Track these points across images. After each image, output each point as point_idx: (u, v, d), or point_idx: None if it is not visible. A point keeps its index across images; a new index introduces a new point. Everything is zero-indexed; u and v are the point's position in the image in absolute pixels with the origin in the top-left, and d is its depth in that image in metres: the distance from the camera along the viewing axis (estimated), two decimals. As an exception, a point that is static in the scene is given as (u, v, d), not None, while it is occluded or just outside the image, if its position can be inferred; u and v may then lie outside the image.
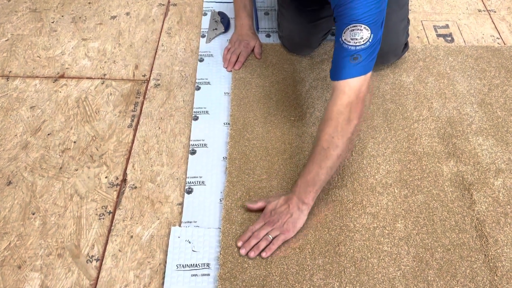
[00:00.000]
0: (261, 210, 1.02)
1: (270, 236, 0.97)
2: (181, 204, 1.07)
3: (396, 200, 1.06)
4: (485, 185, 1.10)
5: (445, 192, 1.09)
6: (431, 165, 1.14)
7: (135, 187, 1.10)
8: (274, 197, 1.03)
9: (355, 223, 1.02)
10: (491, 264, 0.96)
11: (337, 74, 0.95)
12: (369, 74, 0.95)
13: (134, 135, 1.22)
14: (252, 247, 0.96)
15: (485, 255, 0.98)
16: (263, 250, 0.96)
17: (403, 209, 1.05)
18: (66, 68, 1.40)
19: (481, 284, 0.93)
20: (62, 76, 1.37)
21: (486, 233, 1.01)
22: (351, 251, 0.97)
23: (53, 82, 1.35)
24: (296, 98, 1.29)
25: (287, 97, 1.29)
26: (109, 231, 1.03)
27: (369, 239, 0.99)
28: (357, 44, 0.92)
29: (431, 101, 1.30)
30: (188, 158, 1.16)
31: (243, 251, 0.96)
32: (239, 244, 0.97)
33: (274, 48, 1.44)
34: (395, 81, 1.35)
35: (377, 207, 1.05)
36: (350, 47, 0.93)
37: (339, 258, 0.96)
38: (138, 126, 1.24)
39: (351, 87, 0.93)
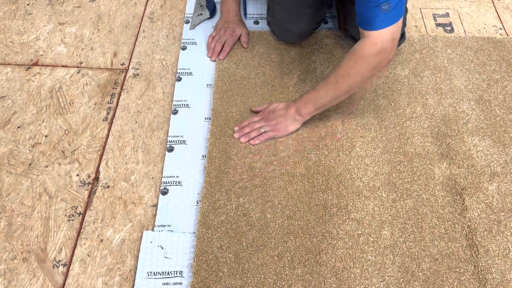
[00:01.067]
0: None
1: (262, 129, 1.10)
2: (156, 205, 1.01)
3: (383, 205, 1.00)
4: (479, 190, 1.03)
5: (435, 197, 1.02)
6: (422, 167, 1.07)
7: (108, 186, 1.04)
8: (277, 103, 1.14)
9: (338, 229, 0.96)
10: (480, 276, 0.91)
11: (367, 24, 0.94)
12: (400, 20, 0.94)
13: (109, 130, 1.15)
14: (245, 134, 1.10)
15: (474, 266, 0.93)
16: (253, 139, 1.09)
17: (390, 215, 0.99)
18: (41, 55, 1.32)
19: (469, 298, 0.88)
20: (36, 64, 1.29)
21: (477, 242, 0.96)
22: (333, 260, 0.92)
23: (26, 70, 1.27)
24: (283, 92, 1.21)
25: (273, 91, 1.22)
26: (78, 233, 0.97)
27: (352, 247, 0.94)
28: None
29: (426, 97, 1.22)
30: (165, 156, 1.09)
31: (236, 135, 1.10)
32: (236, 129, 1.11)
33: (262, 36, 1.36)
34: (389, 74, 1.27)
35: (363, 213, 0.99)
36: None
37: (319, 267, 0.91)
38: (114, 120, 1.17)
39: (384, 38, 0.93)
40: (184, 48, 1.33)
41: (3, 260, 0.93)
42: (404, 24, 1.26)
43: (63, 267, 0.92)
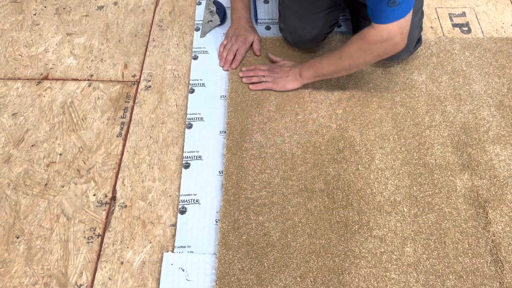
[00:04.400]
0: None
1: (263, 78, 1.20)
2: (174, 225, 1.00)
3: (405, 220, 0.99)
4: (502, 203, 1.02)
5: (458, 210, 1.01)
6: (443, 179, 1.05)
7: (125, 206, 1.03)
8: (289, 61, 1.24)
9: (361, 248, 0.95)
10: (506, 293, 0.90)
11: (375, 17, 0.96)
12: (410, 13, 0.95)
13: (124, 146, 1.13)
14: (248, 77, 1.22)
15: (500, 282, 0.91)
16: (252, 84, 1.21)
17: (412, 231, 0.97)
18: (50, 68, 1.30)
19: (495, 316, 0.87)
20: (46, 78, 1.27)
21: (501, 258, 0.94)
22: (356, 280, 0.91)
23: (37, 85, 1.26)
24: (298, 102, 1.19)
25: (288, 101, 1.19)
26: (98, 256, 0.97)
27: (375, 266, 0.93)
28: None
29: (445, 104, 1.19)
30: (181, 172, 1.08)
31: (241, 74, 1.24)
32: (243, 69, 1.25)
33: (274, 43, 1.33)
34: (406, 80, 1.24)
35: (385, 229, 0.97)
36: None
37: (343, 288, 0.90)
38: (128, 135, 1.15)
39: (391, 32, 0.95)
40: (195, 58, 1.30)
41: (24, 285, 0.93)
42: (420, 28, 1.22)
43: (85, 291, 0.92)
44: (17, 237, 0.99)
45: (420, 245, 0.96)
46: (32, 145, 1.13)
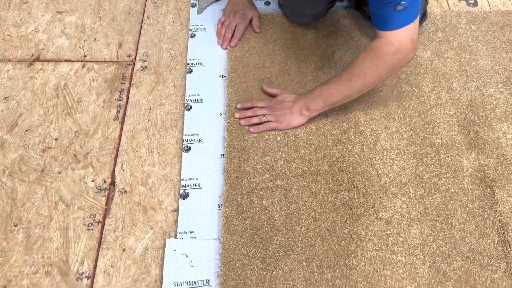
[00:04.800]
0: (271, 96, 1.11)
1: (264, 118, 1.05)
2: (176, 210, 0.98)
3: (411, 201, 0.97)
4: (509, 182, 1.00)
5: (464, 191, 0.99)
6: (449, 158, 1.03)
7: (125, 192, 1.01)
8: (288, 92, 1.10)
9: (366, 230, 0.93)
10: (513, 273, 0.89)
11: (382, 24, 0.90)
12: (418, 19, 0.89)
13: (121, 129, 1.10)
14: (246, 118, 1.07)
15: (507, 263, 0.90)
16: (253, 126, 1.06)
17: (418, 212, 0.96)
18: (41, 49, 1.24)
19: (502, 297, 0.87)
20: (37, 59, 1.22)
21: (509, 238, 0.93)
22: (363, 263, 0.90)
23: (28, 66, 1.21)
24: (300, 81, 1.15)
25: (290, 80, 1.15)
26: (99, 243, 0.95)
27: (381, 249, 0.91)
28: None
29: (451, 81, 1.16)
30: (182, 156, 1.05)
31: (237, 115, 1.07)
32: (239, 106, 1.09)
33: (274, 19, 1.28)
34: (411, 57, 1.20)
35: (391, 211, 0.96)
36: None
37: (349, 271, 0.89)
38: (125, 118, 1.12)
39: (401, 39, 0.89)
40: (192, 36, 1.25)
41: (25, 274, 0.91)
42: (426, 2, 1.18)
43: (87, 279, 0.90)
44: (15, 226, 0.96)
45: (426, 227, 0.94)
46: (26, 130, 1.10)
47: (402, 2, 0.84)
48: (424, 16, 1.20)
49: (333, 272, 0.88)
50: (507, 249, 0.92)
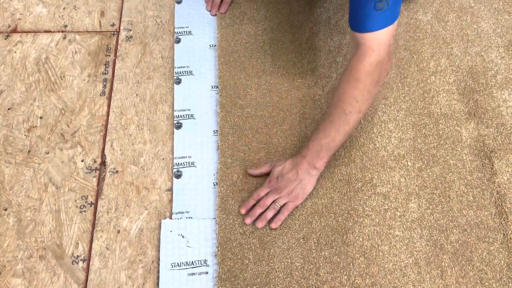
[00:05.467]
0: (264, 175, 0.94)
1: (277, 204, 0.89)
2: (170, 190, 0.96)
3: (410, 174, 0.96)
4: (509, 152, 0.98)
5: (463, 162, 0.97)
6: (448, 129, 1.01)
7: (117, 172, 0.98)
8: (280, 161, 0.93)
9: (364, 206, 0.92)
10: (509, 244, 0.90)
11: (360, 25, 0.82)
12: (396, 21, 0.82)
13: (109, 106, 1.05)
14: (258, 217, 0.89)
15: (503, 234, 0.91)
16: (271, 220, 0.89)
17: (416, 186, 0.95)
18: (18, 19, 1.16)
19: (498, 268, 0.87)
20: (15, 30, 1.15)
21: (506, 209, 0.93)
22: (360, 239, 0.89)
23: (5, 39, 1.13)
24: (295, 50, 1.10)
25: (283, 49, 1.10)
26: (93, 226, 0.93)
27: (379, 224, 0.91)
28: None
29: (451, 46, 1.11)
30: (173, 133, 1.01)
31: (248, 221, 0.89)
32: (243, 211, 0.90)
33: (266, -19, 1.20)
34: (410, 21, 1.15)
35: (389, 185, 0.94)
36: None
37: (347, 248, 0.88)
38: (112, 94, 1.07)
39: (380, 42, 0.82)
40: (179, 1, 1.18)
41: (19, 259, 0.89)
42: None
43: (83, 262, 0.89)
44: (5, 210, 0.94)
45: (424, 200, 0.93)
46: (9, 109, 1.05)
47: (384, 1, 0.77)
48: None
49: (331, 249, 0.88)
50: (504, 220, 0.92)
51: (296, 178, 0.89)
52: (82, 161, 0.99)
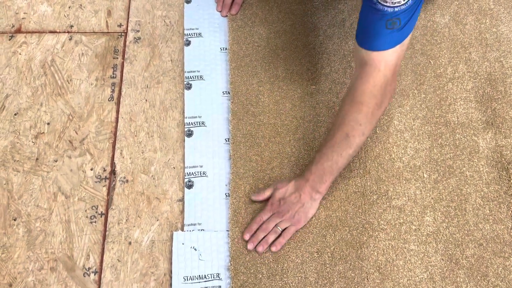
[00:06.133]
0: (268, 199, 0.92)
1: (279, 228, 0.88)
2: (182, 200, 0.94)
3: (425, 187, 0.94)
4: (526, 164, 0.96)
5: (480, 174, 0.96)
6: (465, 139, 0.99)
7: (127, 181, 0.96)
8: (282, 183, 0.91)
9: (379, 219, 0.91)
10: (525, 260, 0.89)
11: (368, 42, 0.78)
12: (406, 40, 0.78)
13: (118, 111, 1.03)
14: (260, 241, 0.88)
15: (519, 249, 0.90)
16: (272, 243, 0.88)
17: (432, 198, 0.93)
18: (23, 19, 1.13)
19: (513, 284, 0.87)
20: (19, 31, 1.11)
21: (523, 223, 0.91)
22: (375, 253, 0.88)
23: (9, 39, 1.10)
24: (308, 54, 1.07)
25: (297, 53, 1.07)
26: (104, 237, 0.92)
27: (394, 238, 0.89)
28: (396, 4, 0.71)
29: (469, 51, 1.08)
30: (184, 141, 0.99)
31: (250, 246, 0.88)
32: (246, 237, 0.89)
33: (278, -20, 1.15)
34: (427, 24, 1.11)
35: (404, 198, 0.93)
36: (387, 8, 0.73)
37: (361, 262, 0.87)
38: (121, 99, 1.04)
39: (387, 62, 0.78)
40: (188, 1, 1.14)
41: (30, 271, 0.89)
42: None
43: (94, 274, 0.89)
44: (14, 220, 0.93)
45: (440, 213, 0.92)
46: (15, 114, 1.02)
47: (396, 20, 0.73)
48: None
49: (345, 264, 0.87)
50: (520, 234, 0.91)
51: (298, 201, 0.88)
52: (91, 169, 0.97)
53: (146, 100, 1.04)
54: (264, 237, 0.88)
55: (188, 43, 1.08)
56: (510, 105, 1.02)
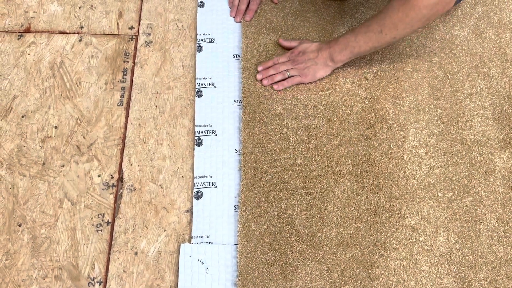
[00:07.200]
0: (291, 48, 1.03)
1: (288, 73, 1.00)
2: (190, 211, 0.92)
3: (439, 206, 0.92)
4: (544, 185, 0.94)
5: (495, 194, 0.93)
6: (481, 157, 0.96)
7: (134, 189, 0.94)
8: (309, 41, 1.04)
9: (391, 238, 0.89)
10: (540, 285, 0.87)
11: None
12: None
13: (127, 117, 1.01)
14: (269, 77, 1.01)
15: (534, 273, 0.87)
16: (276, 83, 1.00)
17: (446, 218, 0.91)
18: (32, 17, 1.11)
19: (526, 309, 0.85)
20: (28, 30, 1.09)
21: (538, 247, 0.89)
22: (386, 273, 0.86)
23: (18, 39, 1.08)
24: (323, 64, 1.04)
25: (311, 63, 1.04)
26: (110, 246, 0.90)
27: (406, 258, 0.87)
28: None
29: (488, 66, 1.05)
30: (193, 150, 0.97)
31: (259, 76, 1.01)
32: (259, 69, 1.02)
33: (294, -14, 1.13)
34: (446, 36, 1.08)
35: (417, 217, 0.91)
36: None
37: (372, 282, 0.85)
38: (131, 104, 1.02)
39: None
40: (202, 5, 1.11)
41: (34, 279, 0.87)
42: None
43: (99, 285, 0.87)
44: (19, 225, 0.91)
45: (453, 234, 0.90)
46: (23, 116, 1.00)
47: None
48: (465, -12, 1.06)
49: (355, 283, 0.85)
50: (535, 258, 0.88)
51: (314, 58, 0.99)
52: (98, 176, 0.95)
53: (156, 106, 1.02)
54: (272, 75, 1.00)
55: (200, 49, 1.06)
56: (529, 124, 0.99)
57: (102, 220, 0.92)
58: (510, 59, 1.06)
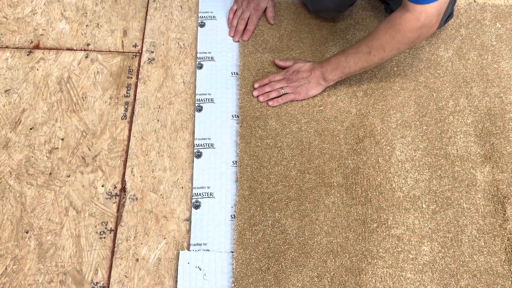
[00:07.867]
0: (285, 68, 1.10)
1: (283, 90, 1.07)
2: (189, 219, 0.98)
3: (424, 217, 0.98)
4: (522, 199, 1.00)
5: (476, 206, 0.99)
6: (464, 171, 1.02)
7: (136, 199, 1.00)
8: (303, 60, 1.10)
9: (378, 247, 0.94)
10: (517, 292, 0.92)
11: None
12: None
13: (130, 130, 1.06)
14: (265, 94, 1.07)
15: (511, 281, 0.93)
16: (271, 100, 1.07)
17: (430, 228, 0.97)
18: (41, 35, 1.17)
19: (504, 315, 0.90)
20: (37, 47, 1.15)
21: (516, 257, 0.95)
22: (373, 280, 0.92)
23: (27, 55, 1.14)
24: (316, 82, 1.11)
25: (305, 81, 1.11)
26: (112, 253, 0.95)
27: (392, 266, 0.93)
28: None
29: (471, 85, 1.12)
30: (193, 162, 1.03)
31: (255, 93, 1.08)
32: (256, 86, 1.08)
33: (289, 9, 1.20)
34: (431, 57, 1.15)
35: (403, 227, 0.96)
36: None
37: (360, 289, 0.91)
38: (134, 118, 1.08)
39: (428, 14, 0.83)
40: (202, 25, 1.18)
41: (40, 283, 0.92)
42: (454, 1, 1.10)
43: (102, 289, 0.92)
44: (27, 232, 0.96)
45: (436, 243, 0.95)
46: (31, 128, 1.06)
47: None
48: (450, 16, 1.13)
49: (344, 289, 0.91)
50: (513, 267, 0.94)
51: (307, 78, 1.05)
52: (102, 186, 1.01)
53: (158, 120, 1.07)
54: (268, 92, 1.07)
55: (200, 66, 1.12)
56: (508, 141, 1.06)
57: (106, 228, 0.97)
58: (491, 79, 1.13)
